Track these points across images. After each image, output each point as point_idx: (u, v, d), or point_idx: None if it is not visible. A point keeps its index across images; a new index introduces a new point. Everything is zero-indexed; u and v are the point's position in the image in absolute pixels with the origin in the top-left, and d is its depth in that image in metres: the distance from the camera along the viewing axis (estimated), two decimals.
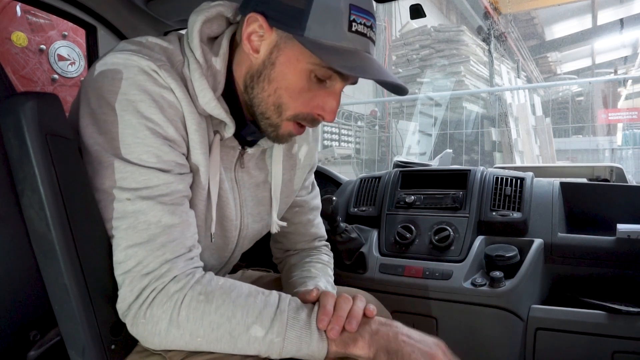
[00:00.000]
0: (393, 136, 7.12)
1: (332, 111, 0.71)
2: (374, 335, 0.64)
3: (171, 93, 0.66)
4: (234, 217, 0.80)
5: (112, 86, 0.64)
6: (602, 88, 7.38)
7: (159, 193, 0.64)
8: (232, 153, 0.78)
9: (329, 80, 0.70)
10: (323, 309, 0.65)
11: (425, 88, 7.17)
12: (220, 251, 0.82)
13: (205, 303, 0.63)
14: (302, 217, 0.99)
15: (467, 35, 7.18)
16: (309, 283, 0.84)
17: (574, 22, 11.45)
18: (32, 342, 0.64)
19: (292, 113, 0.71)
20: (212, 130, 0.73)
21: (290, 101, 0.70)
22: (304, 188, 0.99)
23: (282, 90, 0.70)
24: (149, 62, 0.65)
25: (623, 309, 1.09)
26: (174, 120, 0.67)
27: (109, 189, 0.63)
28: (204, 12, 0.72)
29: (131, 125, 0.63)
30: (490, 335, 1.19)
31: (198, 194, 0.72)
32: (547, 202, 1.32)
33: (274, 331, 0.63)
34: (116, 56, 0.65)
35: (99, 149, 0.64)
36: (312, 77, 0.69)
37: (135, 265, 0.62)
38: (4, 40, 1.77)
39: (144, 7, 1.35)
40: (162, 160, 0.64)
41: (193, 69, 0.69)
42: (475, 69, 7.24)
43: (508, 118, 6.30)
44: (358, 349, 0.63)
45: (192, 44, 0.70)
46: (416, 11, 1.20)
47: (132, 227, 0.62)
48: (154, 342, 0.63)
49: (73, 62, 1.97)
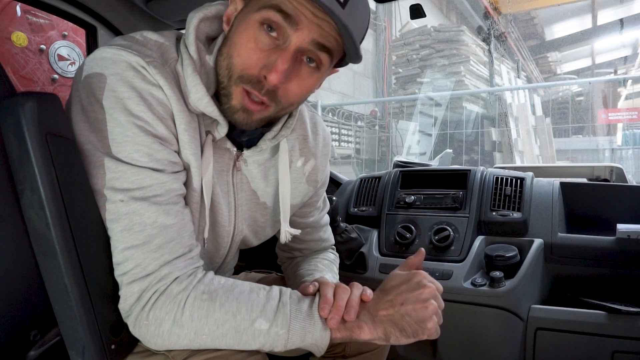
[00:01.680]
0: (393, 136, 7.12)
1: (277, 70, 0.63)
2: (375, 317, 0.66)
3: (160, 90, 0.65)
4: (226, 223, 0.78)
5: (100, 82, 0.63)
6: (602, 88, 7.38)
7: (153, 193, 0.63)
8: (227, 155, 0.76)
9: (281, 35, 0.64)
10: (324, 297, 0.67)
11: (425, 88, 7.17)
12: (212, 256, 0.81)
13: (210, 302, 0.63)
14: (313, 235, 0.99)
15: (467, 35, 7.18)
16: (316, 274, 0.85)
17: (574, 22, 11.45)
18: (32, 342, 0.64)
19: (238, 73, 0.66)
20: (204, 130, 0.72)
21: (237, 59, 0.65)
22: (316, 208, 0.97)
23: (233, 48, 0.66)
24: (137, 57, 0.63)
25: (623, 309, 1.09)
26: (164, 118, 0.65)
27: (101, 190, 0.62)
28: (202, 10, 0.72)
29: (120, 123, 0.62)
30: (490, 335, 1.19)
31: (190, 196, 0.70)
32: (547, 202, 1.32)
33: (278, 323, 0.63)
34: (105, 51, 0.64)
35: (91, 148, 0.63)
36: (264, 28, 0.64)
37: (134, 268, 0.62)
38: (4, 40, 1.77)
39: (143, 7, 1.35)
40: (154, 159, 0.63)
41: (186, 65, 0.68)
42: (475, 69, 7.24)
43: (508, 118, 6.30)
44: (364, 334, 0.65)
45: (188, 41, 0.69)
46: (416, 11, 1.20)
47: (128, 229, 0.62)
48: (157, 343, 0.63)
49: (73, 62, 1.97)
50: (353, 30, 0.63)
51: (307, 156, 0.88)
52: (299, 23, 0.63)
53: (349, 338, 0.66)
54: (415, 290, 0.67)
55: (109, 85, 0.62)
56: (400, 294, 0.67)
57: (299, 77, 0.67)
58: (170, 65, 0.68)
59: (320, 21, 0.64)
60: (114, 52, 0.64)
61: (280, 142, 0.81)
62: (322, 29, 0.64)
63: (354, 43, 0.65)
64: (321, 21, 0.64)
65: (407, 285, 0.68)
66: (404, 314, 0.65)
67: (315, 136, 0.90)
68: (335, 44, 0.67)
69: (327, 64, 0.69)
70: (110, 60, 0.63)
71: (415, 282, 0.68)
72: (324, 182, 0.96)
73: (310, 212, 0.96)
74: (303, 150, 0.87)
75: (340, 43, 0.67)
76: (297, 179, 0.87)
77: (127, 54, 0.63)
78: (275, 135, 0.78)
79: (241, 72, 0.65)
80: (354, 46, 0.65)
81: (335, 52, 0.68)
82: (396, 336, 0.65)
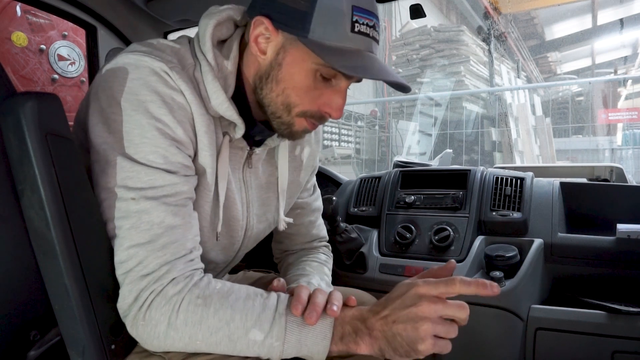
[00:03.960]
0: (393, 136, 7.12)
1: (338, 108, 0.72)
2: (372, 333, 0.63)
3: (181, 95, 0.67)
4: (240, 218, 0.81)
5: (122, 86, 0.64)
6: (602, 88, 7.38)
7: (164, 194, 0.64)
8: (240, 154, 0.79)
9: (334, 79, 0.71)
10: (297, 296, 0.65)
11: (425, 88, 7.17)
12: (226, 250, 0.83)
13: (203, 307, 0.63)
14: (304, 219, 1.00)
15: (467, 35, 7.18)
16: (302, 280, 0.84)
17: (574, 22, 11.45)
18: (32, 342, 0.64)
19: (300, 110, 0.72)
20: (221, 132, 0.74)
21: (297, 100, 0.71)
22: (306, 190, 1.00)
23: (290, 90, 0.71)
24: (161, 63, 0.66)
25: (623, 309, 1.09)
26: (183, 122, 0.67)
27: (114, 188, 0.63)
28: (215, 16, 0.73)
29: (140, 125, 0.64)
30: (490, 335, 1.19)
31: (204, 195, 0.73)
32: (547, 202, 1.32)
33: (273, 335, 0.63)
34: (128, 57, 0.66)
35: (107, 148, 0.64)
36: (318, 76, 0.70)
37: (136, 266, 0.62)
38: (4, 40, 1.77)
39: (143, 7, 1.35)
40: (169, 161, 0.65)
41: (205, 72, 0.70)
42: (475, 69, 7.24)
43: (508, 118, 6.31)
44: (361, 350, 0.63)
45: (205, 48, 0.71)
46: (416, 11, 1.21)
47: (135, 227, 0.63)
48: (153, 344, 0.63)
49: (73, 62, 1.97)
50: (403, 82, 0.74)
51: (302, 144, 0.92)
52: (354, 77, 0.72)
53: (345, 352, 0.64)
54: (408, 307, 0.61)
55: (130, 89, 0.64)
56: (394, 311, 0.62)
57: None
58: (188, 71, 0.70)
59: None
60: (138, 58, 0.66)
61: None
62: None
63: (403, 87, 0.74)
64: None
65: (402, 300, 0.62)
66: (395, 333, 0.61)
67: None
68: None
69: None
70: (134, 65, 0.65)
71: (411, 297, 0.62)
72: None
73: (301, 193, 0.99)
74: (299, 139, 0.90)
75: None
76: (298, 167, 0.91)
77: (150, 60, 0.65)
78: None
79: (303, 109, 0.72)
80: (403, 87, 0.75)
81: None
82: (390, 354, 0.63)
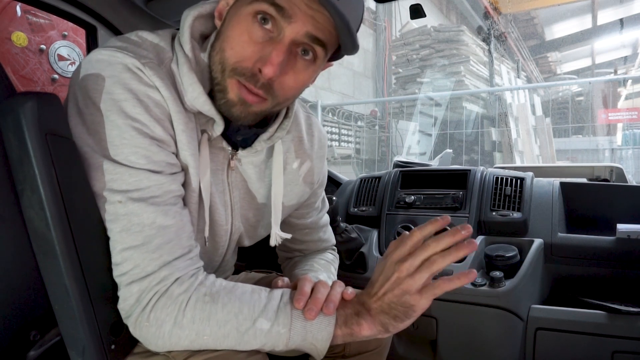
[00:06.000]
0: (393, 136, 7.12)
1: (272, 62, 0.62)
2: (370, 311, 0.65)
3: (156, 91, 0.64)
4: (224, 222, 0.78)
5: (96, 84, 0.62)
6: (602, 88, 7.38)
7: (151, 194, 0.63)
8: (222, 154, 0.76)
9: (274, 27, 0.64)
10: (300, 290, 0.67)
11: (425, 88, 7.17)
12: (211, 256, 0.81)
13: (212, 303, 0.63)
14: (313, 236, 0.99)
15: (467, 35, 7.18)
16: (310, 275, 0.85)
17: (574, 22, 11.45)
18: (32, 342, 0.64)
19: (232, 66, 0.65)
20: (199, 129, 0.71)
21: (230, 52, 0.65)
22: (314, 209, 0.97)
23: (226, 42, 0.65)
24: (133, 59, 0.63)
25: (623, 309, 1.09)
26: (161, 120, 0.65)
27: (99, 191, 0.62)
28: (197, 8, 0.72)
29: (117, 125, 0.62)
30: (490, 335, 1.19)
31: (189, 196, 0.71)
32: (547, 202, 1.33)
33: (280, 322, 0.63)
34: (100, 52, 0.64)
35: (89, 150, 0.63)
36: (257, 20, 0.63)
37: (132, 269, 0.62)
38: (4, 40, 1.77)
39: (143, 7, 1.35)
40: (152, 160, 0.63)
41: (181, 64, 0.67)
42: (475, 69, 7.24)
43: (508, 118, 6.31)
44: (364, 331, 0.65)
45: (182, 39, 0.69)
46: (416, 11, 1.21)
47: (126, 229, 0.62)
48: (158, 344, 0.63)
49: (73, 62, 1.97)
50: (349, 19, 0.62)
51: (303, 158, 0.87)
52: (293, 15, 0.63)
53: (349, 336, 0.65)
54: (390, 277, 0.64)
55: (105, 88, 0.62)
56: (381, 285, 0.65)
57: (294, 70, 0.66)
58: (166, 65, 0.67)
59: (314, 13, 0.63)
60: (110, 53, 0.63)
61: (275, 144, 0.81)
62: (316, 21, 0.64)
63: (351, 32, 0.64)
64: (315, 13, 0.63)
65: (383, 274, 0.65)
66: (389, 303, 0.64)
67: (311, 138, 0.90)
68: (330, 36, 0.66)
69: (322, 57, 0.68)
70: (107, 62, 0.63)
71: (389, 267, 0.65)
72: (322, 183, 0.96)
73: (308, 212, 0.96)
74: (298, 152, 0.86)
75: (335, 36, 0.66)
76: (293, 181, 0.87)
77: (123, 56, 0.63)
78: (271, 136, 0.78)
79: (234, 64, 0.65)
80: (351, 36, 0.64)
81: (329, 45, 0.68)
82: (393, 325, 0.64)
